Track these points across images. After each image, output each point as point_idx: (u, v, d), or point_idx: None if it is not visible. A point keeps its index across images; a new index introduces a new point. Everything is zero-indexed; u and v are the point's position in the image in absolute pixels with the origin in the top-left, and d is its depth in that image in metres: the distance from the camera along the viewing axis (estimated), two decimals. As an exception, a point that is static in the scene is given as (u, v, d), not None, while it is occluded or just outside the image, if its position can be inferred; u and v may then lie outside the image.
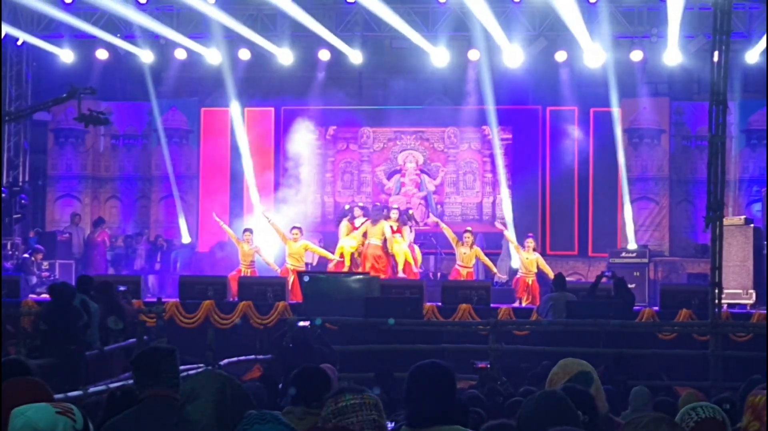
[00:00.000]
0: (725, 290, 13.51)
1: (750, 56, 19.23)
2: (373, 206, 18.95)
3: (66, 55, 20.88)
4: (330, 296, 14.98)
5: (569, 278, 16.77)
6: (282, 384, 8.43)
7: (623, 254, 18.95)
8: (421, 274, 18.43)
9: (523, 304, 17.03)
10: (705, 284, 14.48)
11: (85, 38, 20.51)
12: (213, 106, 21.95)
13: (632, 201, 20.41)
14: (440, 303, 15.95)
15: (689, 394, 7.19)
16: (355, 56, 20.59)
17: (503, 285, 18.43)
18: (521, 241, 18.10)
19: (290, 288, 16.62)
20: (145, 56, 20.75)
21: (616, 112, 20.32)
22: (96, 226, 20.39)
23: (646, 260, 18.70)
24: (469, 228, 18.32)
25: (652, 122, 20.67)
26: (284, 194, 21.03)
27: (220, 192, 21.71)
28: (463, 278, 17.39)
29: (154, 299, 15.55)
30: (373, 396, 3.67)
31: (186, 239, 21.32)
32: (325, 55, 20.63)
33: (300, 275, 16.12)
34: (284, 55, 20.61)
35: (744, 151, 20.44)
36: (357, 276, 16.09)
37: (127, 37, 20.60)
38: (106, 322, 11.99)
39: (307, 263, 18.33)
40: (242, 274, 17.28)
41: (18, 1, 18.83)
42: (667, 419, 3.29)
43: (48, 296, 11.84)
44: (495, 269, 18.29)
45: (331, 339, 12.89)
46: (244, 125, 21.51)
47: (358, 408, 3.59)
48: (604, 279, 14.98)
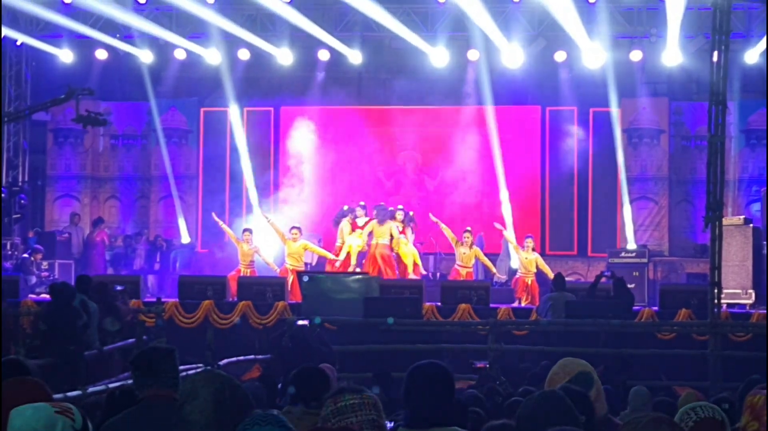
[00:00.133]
0: (724, 290, 13.50)
1: (749, 56, 19.23)
2: (378, 205, 18.96)
3: (65, 55, 20.87)
4: (329, 296, 14.99)
5: (568, 278, 16.77)
6: (281, 384, 8.44)
7: (622, 254, 18.95)
8: (421, 275, 18.41)
9: (523, 304, 17.02)
10: (704, 284, 14.47)
11: (85, 38, 20.49)
12: (212, 106, 21.93)
13: (631, 201, 20.41)
14: (439, 303, 15.94)
15: (689, 394, 7.19)
16: (355, 56, 20.58)
17: (503, 285, 18.42)
18: (520, 241, 18.09)
19: (289, 288, 16.63)
20: (145, 56, 20.75)
21: (616, 112, 20.32)
22: (95, 226, 20.38)
23: (646, 260, 18.70)
24: (468, 228, 18.30)
25: (652, 122, 20.67)
26: (284, 194, 21.04)
27: (220, 192, 21.71)
28: (462, 278, 17.38)
29: (154, 299, 15.53)
30: (372, 395, 3.67)
31: (185, 239, 21.31)
32: (324, 55, 20.63)
33: (299, 275, 16.11)
34: (284, 55, 20.61)
35: (743, 151, 20.44)
36: (356, 276, 16.09)
37: (127, 38, 20.60)
38: (102, 323, 11.99)
39: (307, 263, 18.32)
40: (241, 274, 17.28)
41: (18, 6, 18.81)
42: (667, 419, 3.29)
43: (48, 296, 11.83)
44: (494, 269, 18.28)
45: (331, 338, 12.90)
46: (244, 125, 21.50)
47: (358, 408, 3.59)
48: (604, 279, 14.98)
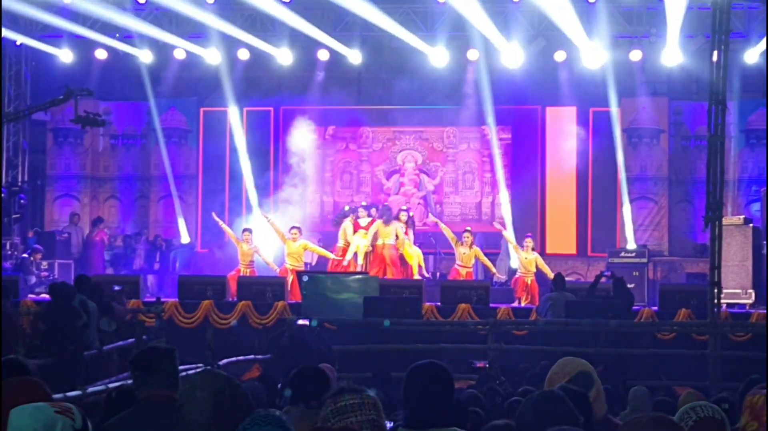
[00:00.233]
0: (724, 290, 13.49)
1: (749, 56, 19.21)
2: (383, 206, 18.92)
3: (65, 55, 20.86)
4: (329, 296, 14.99)
5: (568, 278, 16.77)
6: (281, 384, 8.44)
7: (622, 254, 18.94)
8: (423, 276, 18.42)
9: (522, 304, 17.02)
10: (704, 284, 14.47)
11: (84, 38, 20.48)
12: (212, 106, 21.92)
13: (631, 201, 20.41)
14: (439, 303, 15.93)
15: (689, 394, 7.18)
16: (354, 56, 20.58)
17: (502, 285, 18.41)
18: (520, 241, 18.09)
19: (289, 288, 16.63)
20: (144, 56, 20.74)
21: (615, 112, 20.31)
22: (94, 225, 20.37)
23: (645, 260, 18.69)
24: (468, 228, 18.30)
25: (651, 121, 20.67)
26: (283, 193, 21.03)
27: (220, 192, 21.70)
28: (462, 278, 17.38)
29: (153, 299, 15.53)
30: (372, 396, 3.66)
31: (185, 239, 21.31)
32: (324, 54, 20.62)
33: (299, 274, 16.12)
34: (283, 55, 20.60)
35: (743, 151, 20.44)
36: (356, 276, 16.08)
37: (126, 38, 20.59)
38: (98, 324, 11.97)
39: (307, 263, 18.32)
40: (241, 274, 17.28)
41: (18, 10, 18.80)
42: (667, 419, 3.29)
43: (48, 296, 11.82)
44: (494, 269, 18.29)
45: (330, 338, 12.90)
46: (243, 125, 21.50)
47: (357, 408, 3.58)
48: (603, 279, 14.98)
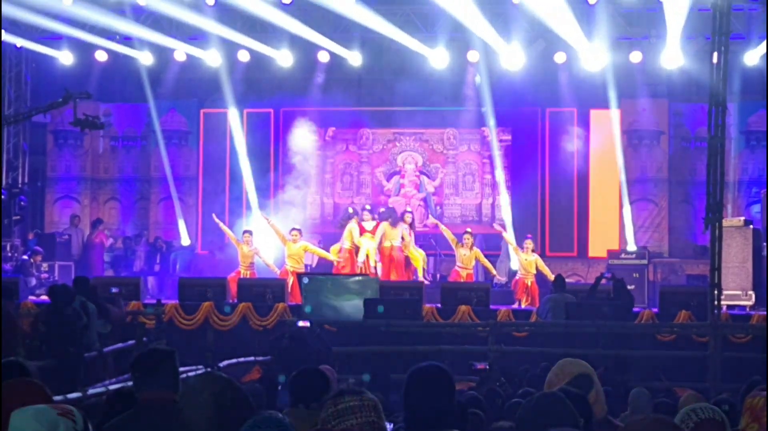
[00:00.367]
0: (724, 292, 13.50)
1: (749, 58, 19.21)
2: (388, 208, 18.90)
3: (65, 57, 20.87)
4: (329, 298, 14.98)
5: (568, 280, 16.76)
6: (281, 385, 8.45)
7: (622, 256, 18.93)
8: (416, 278, 18.42)
9: (523, 305, 17.02)
10: (704, 286, 14.48)
11: (84, 40, 20.48)
12: (212, 107, 21.92)
13: (631, 202, 20.41)
14: (439, 305, 15.93)
15: (689, 395, 7.17)
16: (355, 58, 20.59)
17: (502, 287, 18.41)
18: (520, 242, 18.09)
19: (289, 290, 16.62)
20: (145, 58, 20.74)
21: (615, 113, 20.32)
22: (94, 227, 20.36)
23: (646, 262, 18.68)
24: (468, 230, 18.30)
25: (652, 123, 20.67)
26: (284, 195, 21.04)
27: (220, 194, 21.70)
28: (463, 280, 17.37)
29: (154, 301, 15.53)
30: (372, 397, 3.66)
31: (185, 240, 21.30)
32: (324, 56, 20.62)
33: (299, 276, 16.11)
34: (283, 57, 20.61)
35: (743, 152, 20.44)
36: (356, 278, 16.06)
37: (126, 39, 20.59)
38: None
39: (307, 265, 18.32)
40: (241, 275, 17.27)
41: (18, 16, 18.81)
42: (667, 421, 3.28)
43: (47, 298, 11.80)
44: (494, 270, 18.28)
45: (330, 340, 12.89)
46: (244, 126, 21.50)
47: (358, 410, 3.58)
48: (604, 281, 14.97)
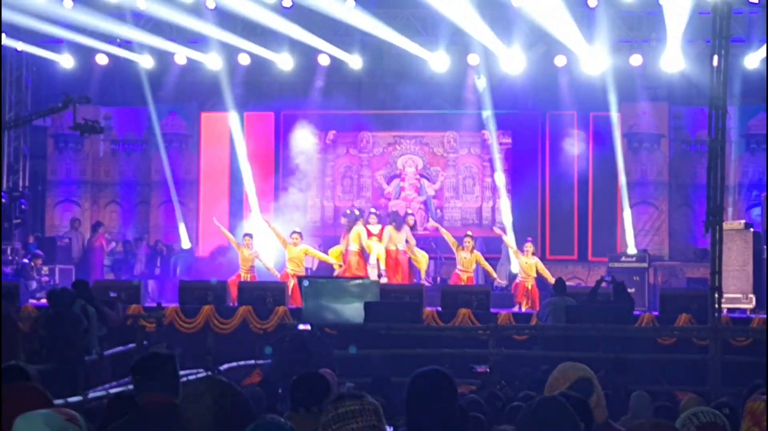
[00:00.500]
0: (725, 295, 13.50)
1: (749, 61, 19.22)
2: (392, 212, 18.89)
3: (66, 61, 20.89)
4: (330, 301, 14.98)
5: (569, 283, 16.75)
6: (281, 389, 8.44)
7: (623, 259, 18.92)
8: (418, 280, 18.42)
9: (523, 309, 17.00)
10: (705, 289, 14.48)
11: (85, 44, 20.50)
12: (213, 110, 21.92)
13: (632, 206, 20.40)
14: (440, 308, 15.92)
15: (691, 399, 7.17)
16: (355, 61, 20.60)
17: (503, 290, 18.40)
18: (521, 246, 18.08)
19: (290, 293, 16.62)
20: (145, 62, 20.76)
21: (616, 116, 20.32)
22: (94, 230, 20.36)
23: (646, 265, 18.67)
24: (469, 233, 18.28)
25: (652, 126, 20.66)
26: (284, 198, 21.05)
27: (220, 197, 21.71)
28: (463, 283, 17.36)
29: (154, 305, 15.54)
30: (373, 401, 3.66)
31: (186, 244, 21.30)
32: (324, 60, 20.63)
33: (300, 279, 16.11)
34: (284, 61, 20.62)
35: (743, 155, 20.44)
36: (356, 281, 16.06)
37: (127, 43, 20.61)
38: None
39: (307, 268, 18.30)
40: (242, 279, 17.27)
41: (19, 20, 18.83)
42: (668, 425, 3.29)
43: (47, 302, 11.80)
44: (495, 273, 18.28)
45: (331, 343, 12.88)
46: (244, 130, 21.51)
47: (358, 414, 3.58)
48: (604, 284, 14.97)
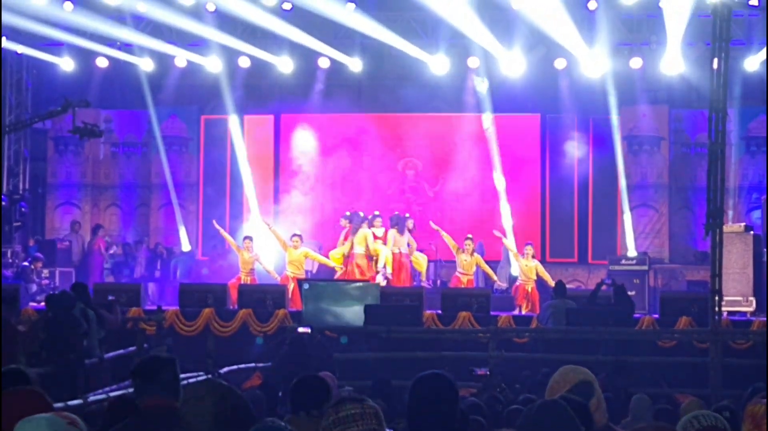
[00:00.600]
0: (725, 298, 13.47)
1: (749, 64, 19.23)
2: (394, 215, 18.92)
3: (66, 64, 20.90)
4: (330, 304, 14.98)
5: (569, 286, 16.76)
6: (281, 392, 8.44)
7: (623, 262, 18.92)
8: (418, 282, 18.42)
9: (523, 311, 17.00)
10: (705, 292, 14.46)
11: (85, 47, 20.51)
12: (213, 113, 21.93)
13: (632, 208, 20.40)
14: (440, 311, 15.92)
15: (691, 402, 7.17)
16: (355, 64, 20.61)
17: (503, 293, 18.40)
18: (521, 248, 18.08)
19: (290, 296, 16.62)
20: (145, 64, 20.77)
21: (616, 119, 20.32)
22: (94, 233, 20.36)
23: (646, 268, 18.67)
24: (469, 236, 18.28)
25: (652, 129, 20.65)
26: (284, 201, 21.06)
27: (220, 200, 21.70)
28: (463, 286, 17.37)
29: (154, 308, 15.53)
30: (373, 405, 3.66)
31: (186, 246, 21.29)
32: (324, 62, 20.64)
33: (300, 282, 16.11)
34: (284, 63, 20.63)
35: (743, 158, 20.44)
36: (356, 284, 16.06)
37: (127, 46, 20.62)
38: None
39: (307, 271, 18.29)
40: (242, 282, 17.27)
41: (19, 23, 18.84)
42: (669, 429, 3.29)
43: (45, 306, 11.79)
44: (495, 276, 18.28)
45: (331, 346, 12.89)
46: (244, 132, 21.51)
47: (359, 417, 3.58)
48: (604, 287, 14.97)
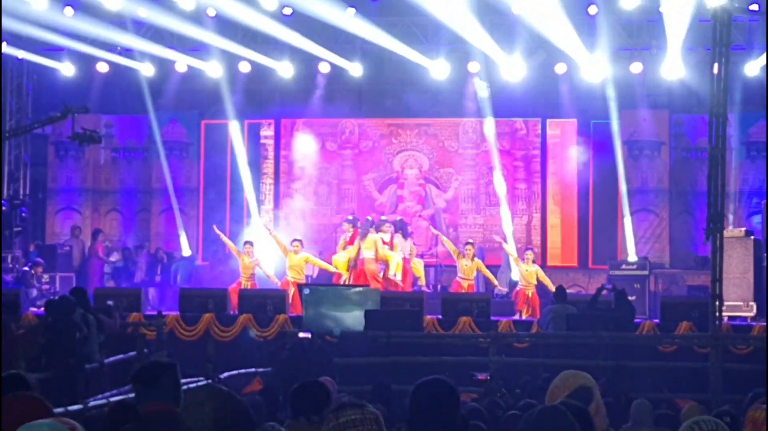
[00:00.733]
0: (725, 303, 13.46)
1: (750, 68, 19.24)
2: (398, 220, 18.89)
3: (66, 69, 20.91)
4: (330, 309, 14.97)
5: (569, 291, 16.74)
6: (282, 397, 8.44)
7: (623, 267, 18.92)
8: (417, 288, 18.42)
9: (524, 316, 17.00)
10: (705, 297, 14.47)
11: (85, 52, 20.52)
12: (213, 118, 21.93)
13: (632, 213, 20.39)
14: (440, 316, 15.91)
15: (692, 407, 7.16)
16: (355, 69, 20.62)
17: (503, 298, 18.40)
18: (521, 253, 18.09)
19: (290, 301, 16.61)
20: (145, 69, 20.78)
21: (616, 124, 20.32)
22: (94, 238, 20.36)
23: (647, 273, 18.67)
24: (470, 240, 18.31)
25: (652, 134, 20.66)
26: (285, 206, 21.06)
27: (221, 205, 21.70)
28: (464, 291, 17.37)
29: (155, 312, 15.52)
30: (373, 411, 3.66)
31: (186, 251, 21.29)
32: (325, 67, 20.66)
33: (300, 287, 16.10)
34: (284, 68, 20.65)
35: (744, 163, 20.44)
36: (357, 289, 16.05)
37: (127, 51, 20.64)
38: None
39: (308, 276, 18.29)
40: (242, 287, 17.26)
41: (19, 28, 18.85)
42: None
43: (44, 312, 11.80)
44: (496, 281, 18.28)
45: (332, 351, 12.88)
46: (244, 137, 21.51)
47: (359, 423, 3.58)
48: (605, 292, 14.96)
